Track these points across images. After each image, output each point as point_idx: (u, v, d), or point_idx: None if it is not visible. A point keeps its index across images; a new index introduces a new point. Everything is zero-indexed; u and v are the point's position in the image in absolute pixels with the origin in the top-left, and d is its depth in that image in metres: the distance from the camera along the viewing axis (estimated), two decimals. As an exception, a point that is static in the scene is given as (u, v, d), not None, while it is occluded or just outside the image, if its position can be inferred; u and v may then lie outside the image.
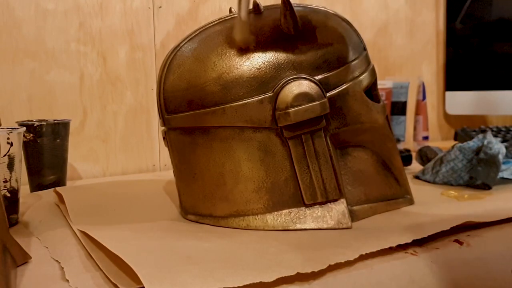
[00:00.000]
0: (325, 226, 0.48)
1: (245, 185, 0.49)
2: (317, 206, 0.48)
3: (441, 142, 1.29)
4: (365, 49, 0.54)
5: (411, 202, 0.57)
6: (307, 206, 0.49)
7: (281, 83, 0.47)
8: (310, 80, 0.48)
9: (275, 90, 0.47)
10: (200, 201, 0.51)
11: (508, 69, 1.18)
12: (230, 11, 0.56)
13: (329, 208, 0.48)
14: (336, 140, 0.50)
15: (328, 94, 0.48)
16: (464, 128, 1.08)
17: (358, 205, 0.51)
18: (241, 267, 0.37)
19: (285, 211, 0.49)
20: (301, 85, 0.47)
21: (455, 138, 1.09)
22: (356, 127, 0.51)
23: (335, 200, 0.49)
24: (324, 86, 0.48)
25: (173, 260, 0.38)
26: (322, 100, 0.47)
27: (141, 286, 0.34)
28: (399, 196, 0.55)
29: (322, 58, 0.49)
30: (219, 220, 0.50)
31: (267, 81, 0.47)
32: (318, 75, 0.48)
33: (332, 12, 0.53)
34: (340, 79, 0.49)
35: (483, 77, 1.20)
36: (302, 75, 0.48)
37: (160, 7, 0.90)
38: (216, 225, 0.50)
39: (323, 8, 0.53)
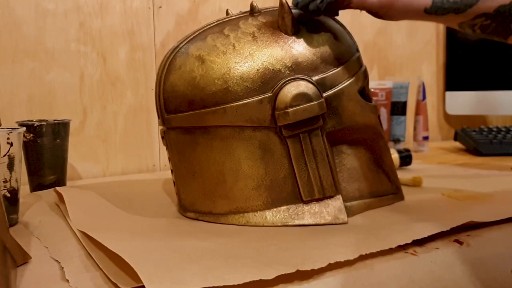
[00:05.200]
0: (322, 221, 0.49)
1: (244, 182, 0.49)
2: (315, 202, 0.50)
3: (441, 142, 1.29)
4: (357, 50, 0.55)
5: (401, 198, 0.59)
6: (305, 202, 0.50)
7: (280, 84, 0.48)
8: (308, 81, 0.49)
9: (274, 90, 0.48)
10: (199, 198, 0.52)
11: (508, 69, 1.18)
12: (227, 13, 0.56)
13: (326, 204, 0.50)
14: (332, 139, 0.51)
15: (324, 94, 0.50)
16: (464, 128, 1.08)
17: (353, 201, 0.53)
18: (241, 265, 0.37)
19: (283, 208, 0.50)
20: (299, 86, 0.48)
21: (455, 138, 1.09)
22: (351, 126, 0.52)
23: (331, 197, 0.50)
24: (320, 86, 0.49)
25: (173, 259, 0.38)
26: (320, 100, 0.48)
27: (141, 285, 0.34)
28: (390, 192, 0.57)
29: (319, 59, 0.50)
30: (219, 217, 0.51)
31: (267, 82, 0.48)
32: (315, 75, 0.49)
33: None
34: (336, 79, 0.51)
35: (483, 77, 1.20)
36: (300, 76, 0.49)
37: (160, 7, 0.90)
38: (216, 222, 0.51)
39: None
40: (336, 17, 0.55)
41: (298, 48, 0.49)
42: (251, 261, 0.38)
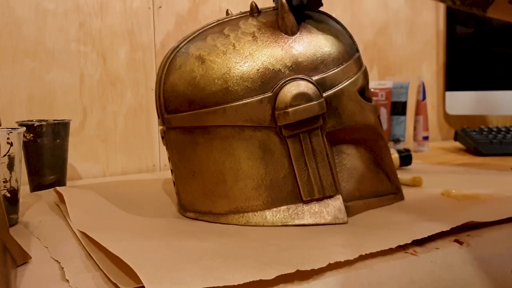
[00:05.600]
0: (322, 221, 0.49)
1: (244, 182, 0.49)
2: (315, 202, 0.50)
3: (441, 142, 1.29)
4: (357, 50, 0.55)
5: (401, 198, 0.59)
6: (304, 202, 0.50)
7: (280, 84, 0.48)
8: (308, 81, 0.49)
9: (274, 90, 0.48)
10: (199, 198, 0.52)
11: (508, 69, 1.18)
12: (227, 13, 0.56)
13: (326, 204, 0.50)
14: (331, 139, 0.51)
15: (324, 94, 0.50)
16: (464, 128, 1.08)
17: (353, 201, 0.53)
18: (241, 265, 0.37)
19: (283, 208, 0.50)
20: (299, 86, 0.48)
21: (455, 138, 1.09)
22: (351, 126, 0.52)
23: (331, 196, 0.50)
24: (320, 86, 0.49)
25: (172, 259, 0.38)
26: (320, 100, 0.49)
27: (142, 285, 0.34)
28: (390, 192, 0.57)
29: (319, 59, 0.50)
30: (219, 217, 0.51)
31: (267, 82, 0.48)
32: (315, 75, 0.49)
33: (326, 14, 0.55)
34: (336, 79, 0.51)
35: (483, 77, 1.20)
36: (300, 76, 0.49)
37: (160, 7, 0.90)
38: (216, 222, 0.51)
39: (317, 11, 0.54)
40: (336, 17, 0.55)
41: (298, 48, 0.49)
42: (251, 261, 0.38)
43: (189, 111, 0.50)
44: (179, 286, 0.33)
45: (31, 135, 0.68)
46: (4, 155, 0.50)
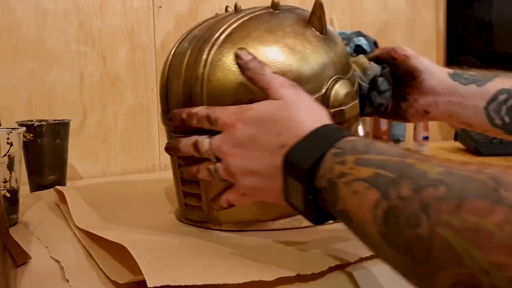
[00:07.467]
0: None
1: None
2: None
3: (441, 142, 1.29)
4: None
5: None
6: None
7: (329, 82, 0.47)
8: (347, 80, 0.49)
9: (326, 89, 0.47)
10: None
11: (508, 69, 1.18)
12: (226, 9, 0.54)
13: None
14: None
15: None
16: (464, 128, 1.08)
17: None
18: (242, 265, 0.37)
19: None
20: (346, 84, 0.48)
21: (455, 138, 1.09)
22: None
23: None
24: None
25: (174, 255, 0.38)
26: (357, 99, 0.50)
27: (141, 278, 0.34)
28: None
29: (344, 59, 0.50)
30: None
31: (318, 81, 0.47)
32: (346, 75, 0.49)
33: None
34: (355, 80, 0.52)
35: (483, 77, 1.20)
36: (339, 75, 0.48)
37: (160, 7, 0.90)
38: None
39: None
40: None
41: (333, 48, 0.49)
42: (251, 262, 0.38)
43: None
44: (180, 280, 0.33)
45: (31, 135, 0.68)
46: (4, 155, 0.50)
